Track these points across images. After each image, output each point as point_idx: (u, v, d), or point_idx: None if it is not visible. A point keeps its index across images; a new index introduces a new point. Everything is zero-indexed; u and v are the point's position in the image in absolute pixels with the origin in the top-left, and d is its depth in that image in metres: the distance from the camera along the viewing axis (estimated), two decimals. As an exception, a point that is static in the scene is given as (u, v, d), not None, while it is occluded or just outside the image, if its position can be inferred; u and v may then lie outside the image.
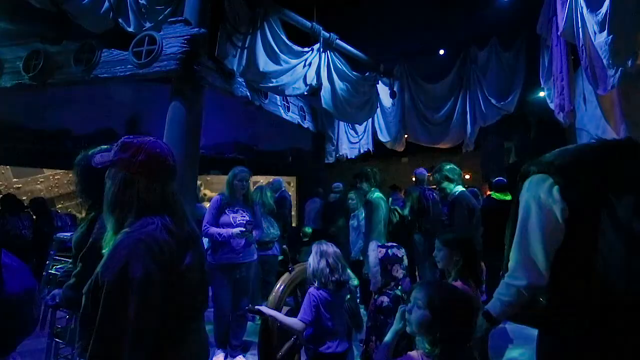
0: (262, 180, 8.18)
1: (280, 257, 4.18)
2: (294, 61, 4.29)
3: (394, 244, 2.02)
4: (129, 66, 3.55)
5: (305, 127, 6.18)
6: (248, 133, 7.48)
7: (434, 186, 3.63)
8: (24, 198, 6.17)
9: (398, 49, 6.00)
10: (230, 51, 3.78)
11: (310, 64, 4.40)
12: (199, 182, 4.82)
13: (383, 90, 5.91)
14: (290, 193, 6.54)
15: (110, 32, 3.82)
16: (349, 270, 2.17)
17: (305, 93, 4.53)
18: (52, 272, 3.11)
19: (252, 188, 3.48)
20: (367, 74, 5.42)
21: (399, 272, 1.93)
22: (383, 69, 5.68)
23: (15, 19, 4.49)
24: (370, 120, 6.28)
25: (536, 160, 1.22)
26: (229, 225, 3.01)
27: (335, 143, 6.68)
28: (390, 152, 6.70)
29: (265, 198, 3.98)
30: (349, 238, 4.21)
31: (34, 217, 5.01)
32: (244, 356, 3.14)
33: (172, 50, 3.36)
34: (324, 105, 4.66)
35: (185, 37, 3.38)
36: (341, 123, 6.55)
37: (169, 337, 1.04)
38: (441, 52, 6.10)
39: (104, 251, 1.07)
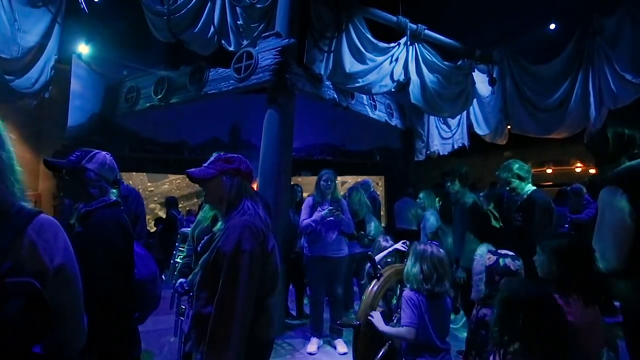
0: (350, 180, 8.26)
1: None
2: (379, 58, 4.22)
3: (510, 253, 1.75)
4: (231, 81, 3.98)
5: (393, 124, 6.02)
6: (335, 134, 7.65)
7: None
8: (155, 199, 7.59)
9: (496, 30, 5.40)
10: (318, 56, 3.91)
11: (397, 60, 4.27)
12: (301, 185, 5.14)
13: (480, 78, 5.36)
14: (378, 193, 6.46)
15: (215, 53, 4.35)
16: (448, 281, 1.99)
17: (393, 90, 4.40)
18: (178, 260, 3.72)
19: (339, 188, 3.61)
20: (460, 63, 5.00)
21: None
22: (479, 54, 5.16)
23: (145, 53, 5.48)
24: (464, 112, 5.78)
25: (610, 173, 1.61)
26: None
27: (425, 140, 6.34)
28: (490, 145, 6.03)
29: (364, 199, 4.02)
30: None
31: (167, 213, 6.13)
32: (344, 341, 3.28)
33: (267, 63, 3.64)
34: (412, 101, 4.46)
35: (277, 48, 3.63)
36: (431, 118, 6.18)
37: (255, 304, 1.37)
38: (551, 26, 5.26)
39: (216, 234, 1.43)
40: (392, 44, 4.31)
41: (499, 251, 1.78)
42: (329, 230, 3.28)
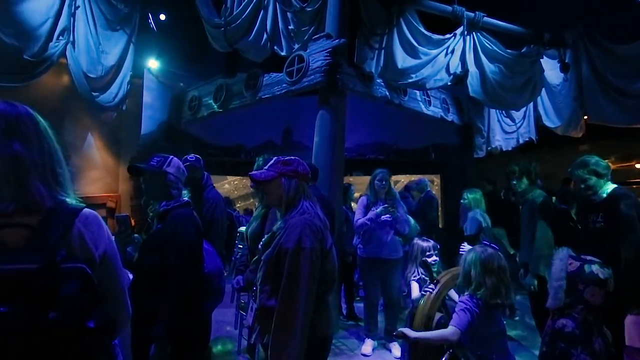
0: (403, 179, 8.03)
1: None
2: (434, 51, 4.04)
3: (596, 259, 1.58)
4: (284, 85, 4.10)
5: (449, 120, 5.72)
6: (388, 132, 7.47)
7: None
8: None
9: (567, 10, 4.84)
10: (368, 54, 3.86)
11: (452, 51, 4.05)
12: (354, 185, 5.14)
13: (549, 65, 4.86)
14: (434, 192, 6.17)
15: (268, 59, 4.52)
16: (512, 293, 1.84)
17: (449, 83, 4.18)
18: (236, 257, 3.93)
19: (394, 187, 3.53)
20: (525, 50, 4.59)
21: (596, 297, 1.51)
22: (548, 38, 4.67)
23: (205, 64, 5.88)
24: (531, 103, 5.29)
25: None
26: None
27: (485, 135, 5.91)
28: (563, 139, 5.43)
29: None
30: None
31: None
32: (399, 344, 3.19)
33: (318, 64, 3.69)
34: (471, 94, 4.20)
35: (328, 49, 3.66)
36: (492, 111, 5.75)
37: (316, 300, 1.41)
38: (639, -1, 4.56)
39: (276, 232, 1.51)
40: (447, 36, 4.10)
41: (582, 256, 1.60)
42: (383, 230, 3.23)
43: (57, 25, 4.29)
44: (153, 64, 5.78)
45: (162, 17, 5.75)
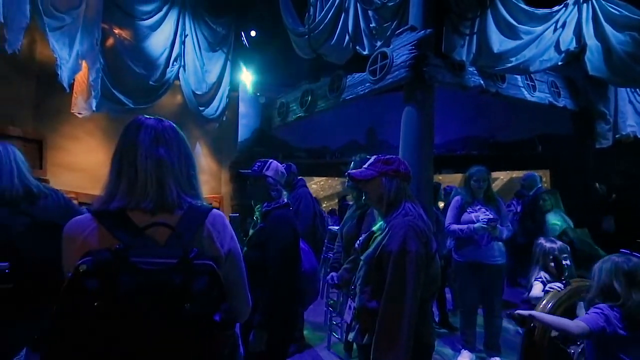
0: (502, 176, 7.21)
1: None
2: (538, 29, 3.52)
3: None
4: (367, 84, 4.07)
5: (560, 106, 4.91)
6: (481, 125, 6.80)
7: None
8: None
9: None
10: (458, 42, 3.57)
11: (564, 25, 3.47)
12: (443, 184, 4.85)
13: None
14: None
15: (350, 60, 4.54)
16: None
17: (560, 63, 3.60)
18: (326, 256, 4.04)
19: (494, 185, 3.18)
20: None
21: None
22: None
23: (291, 72, 6.20)
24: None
25: None
26: (472, 223, 2.92)
27: (611, 120, 4.91)
28: None
29: None
30: None
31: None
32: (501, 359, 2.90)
33: (402, 59, 3.55)
34: (591, 72, 3.54)
35: (412, 42, 3.49)
36: (622, 91, 4.75)
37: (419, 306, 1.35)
38: None
39: (375, 233, 1.49)
40: (556, 8, 3.53)
41: None
42: (481, 235, 2.93)
43: (172, 53, 5.05)
44: (246, 77, 6.36)
45: (253, 33, 6.28)
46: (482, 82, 4.05)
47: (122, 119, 5.25)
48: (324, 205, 9.20)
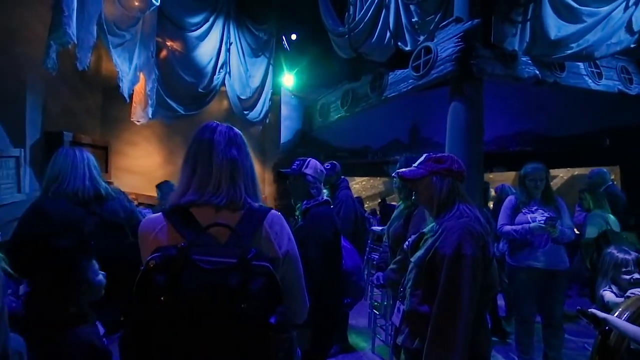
0: (563, 174, 6.61)
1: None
2: (604, 9, 3.17)
3: None
4: (410, 81, 3.95)
5: (633, 94, 4.39)
6: (537, 119, 6.28)
7: None
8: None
9: None
10: (509, 31, 3.33)
11: (637, 2, 3.09)
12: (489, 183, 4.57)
13: None
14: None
15: (392, 58, 4.44)
16: None
17: (632, 46, 3.21)
18: (369, 256, 3.99)
19: (553, 183, 2.92)
20: None
21: None
22: None
23: (332, 73, 6.22)
24: None
25: None
26: (527, 224, 2.70)
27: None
28: None
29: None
30: None
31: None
32: None
33: (447, 53, 3.40)
34: (671, 54, 3.11)
35: (458, 35, 3.33)
36: None
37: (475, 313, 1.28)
38: None
39: (426, 234, 1.43)
40: (627, -16, 3.16)
41: None
42: (537, 236, 2.70)
43: (219, 61, 5.30)
44: (288, 79, 6.49)
45: (294, 37, 6.40)
46: (537, 72, 3.74)
47: (174, 125, 5.64)
48: (366, 205, 9.11)
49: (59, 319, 1.30)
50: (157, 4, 3.90)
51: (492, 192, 4.80)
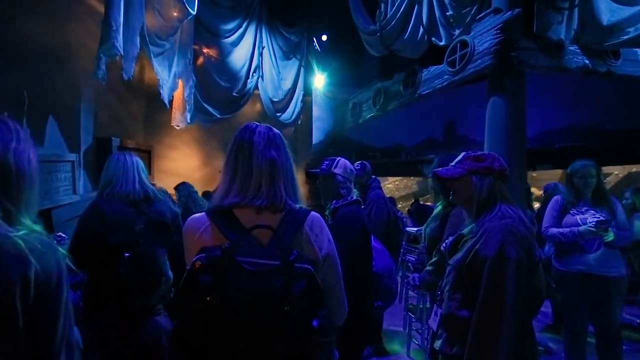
0: (618, 172, 6.08)
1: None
2: (666, -12, 2.87)
3: None
4: (445, 76, 3.81)
5: (702, 81, 3.94)
6: (587, 112, 5.81)
7: None
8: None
9: None
10: (555, 19, 3.11)
11: None
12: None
13: None
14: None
15: (424, 54, 4.31)
16: None
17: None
18: (404, 258, 3.90)
19: (606, 182, 2.67)
20: None
21: None
22: None
23: (363, 72, 6.17)
24: None
25: None
26: (575, 226, 2.48)
27: None
28: None
29: None
30: None
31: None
32: None
33: (485, 46, 3.24)
34: None
35: (497, 26, 3.16)
36: None
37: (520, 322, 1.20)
38: None
39: (465, 236, 1.37)
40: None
41: None
42: (589, 240, 2.48)
43: (252, 65, 5.44)
44: (319, 80, 6.52)
45: (324, 38, 6.42)
46: (587, 61, 3.47)
47: (211, 129, 5.85)
48: (400, 205, 8.92)
49: (141, 311, 1.44)
50: (194, 13, 4.07)
51: (536, 192, 4.53)
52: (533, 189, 7.22)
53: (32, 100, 2.76)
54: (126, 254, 1.60)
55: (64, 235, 1.97)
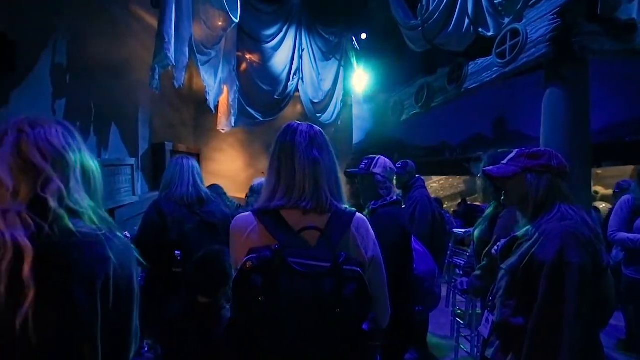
0: None
1: None
2: None
3: None
4: (495, 69, 3.59)
5: None
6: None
7: None
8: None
9: None
10: (623, -3, 2.80)
11: None
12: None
13: None
14: None
15: (470, 47, 4.08)
16: None
17: None
18: (451, 261, 3.72)
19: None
20: None
21: None
22: None
23: (403, 69, 6.00)
24: None
25: None
26: None
27: None
28: None
29: None
30: None
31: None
32: None
33: (539, 34, 3.00)
34: None
35: (553, 11, 2.92)
36: None
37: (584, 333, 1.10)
38: None
39: (519, 239, 1.26)
40: None
41: None
42: None
43: (292, 68, 5.53)
44: (359, 79, 6.46)
45: (364, 36, 6.34)
46: (664, 43, 3.07)
47: (254, 132, 6.04)
48: (445, 205, 8.55)
49: (210, 309, 1.54)
50: (237, 21, 4.23)
51: (602, 190, 4.08)
52: (599, 188, 6.54)
53: (98, 110, 3.05)
54: (177, 252, 1.71)
55: (128, 235, 2.15)
